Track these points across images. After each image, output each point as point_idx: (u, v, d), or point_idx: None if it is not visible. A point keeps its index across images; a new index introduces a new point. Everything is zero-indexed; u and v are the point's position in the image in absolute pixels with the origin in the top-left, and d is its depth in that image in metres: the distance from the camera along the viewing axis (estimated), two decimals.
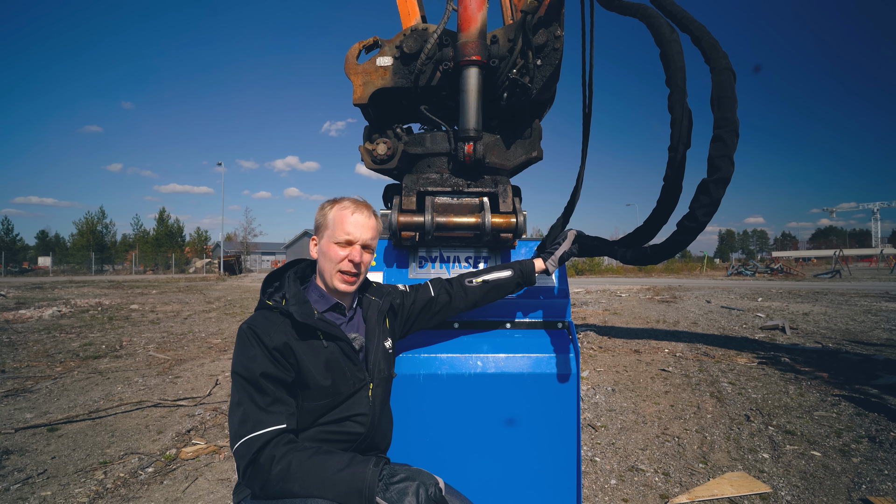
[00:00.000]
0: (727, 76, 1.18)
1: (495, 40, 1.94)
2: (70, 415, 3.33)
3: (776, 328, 7.11)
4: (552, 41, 2.02)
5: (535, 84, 2.02)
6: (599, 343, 6.13)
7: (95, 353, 5.58)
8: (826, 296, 12.74)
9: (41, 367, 4.95)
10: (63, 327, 7.72)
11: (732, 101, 1.16)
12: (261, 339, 1.19)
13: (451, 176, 2.08)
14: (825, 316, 8.49)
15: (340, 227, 1.33)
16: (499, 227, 1.93)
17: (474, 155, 1.99)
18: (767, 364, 4.85)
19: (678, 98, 1.30)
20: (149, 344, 6.20)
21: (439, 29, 1.97)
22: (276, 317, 1.26)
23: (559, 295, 2.04)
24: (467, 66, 1.89)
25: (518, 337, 1.97)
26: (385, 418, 1.44)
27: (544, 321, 2.01)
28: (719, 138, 1.14)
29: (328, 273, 1.34)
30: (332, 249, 1.33)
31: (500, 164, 2.10)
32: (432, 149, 2.10)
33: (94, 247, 44.28)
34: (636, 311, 9.76)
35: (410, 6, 2.26)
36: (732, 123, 1.14)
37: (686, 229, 1.20)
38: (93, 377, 4.52)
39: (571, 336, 1.95)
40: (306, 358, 1.23)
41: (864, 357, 5.04)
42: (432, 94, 2.15)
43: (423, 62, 2.00)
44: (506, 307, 2.02)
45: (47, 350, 5.81)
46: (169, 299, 14.16)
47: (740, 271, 29.49)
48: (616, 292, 15.15)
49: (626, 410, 3.47)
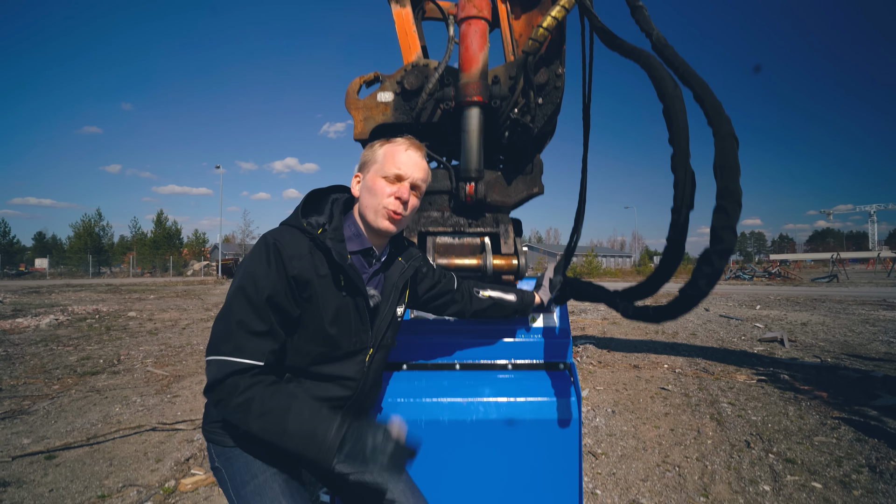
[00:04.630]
0: (730, 143, 1.17)
1: (497, 80, 1.94)
2: (68, 441, 3.30)
3: (775, 340, 7.12)
4: (554, 79, 2.02)
5: (536, 123, 2.02)
6: (599, 357, 6.13)
7: (93, 369, 5.55)
8: (824, 303, 12.77)
9: (38, 384, 4.92)
10: (60, 338, 7.68)
11: (735, 170, 1.16)
12: (283, 262, 1.12)
13: (452, 214, 2.08)
14: (823, 326, 8.50)
15: (391, 161, 1.25)
16: (500, 268, 1.93)
17: (476, 195, 1.98)
18: (767, 382, 4.85)
19: (681, 159, 1.29)
20: (147, 358, 6.18)
21: (441, 67, 1.97)
22: (305, 243, 1.17)
23: (560, 335, 2.03)
24: (469, 107, 1.89)
25: (520, 380, 1.96)
26: (374, 392, 1.42)
27: (546, 362, 2.00)
28: (722, 209, 1.13)
29: (371, 209, 1.24)
30: (378, 184, 1.24)
31: (502, 202, 2.10)
32: (433, 187, 2.09)
33: (91, 249, 44.11)
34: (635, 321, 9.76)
35: (411, 40, 2.25)
36: (735, 194, 1.14)
37: (688, 297, 1.20)
38: (91, 396, 4.49)
39: (573, 378, 1.94)
40: (321, 295, 1.17)
41: (862, 374, 5.05)
42: (433, 130, 2.15)
43: (425, 101, 1.99)
44: (508, 347, 2.01)
45: (44, 365, 5.78)
46: (167, 305, 14.12)
47: (738, 275, 29.56)
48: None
49: (627, 435, 3.46)
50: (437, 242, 2.00)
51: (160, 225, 50.01)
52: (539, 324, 2.04)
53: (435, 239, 2.00)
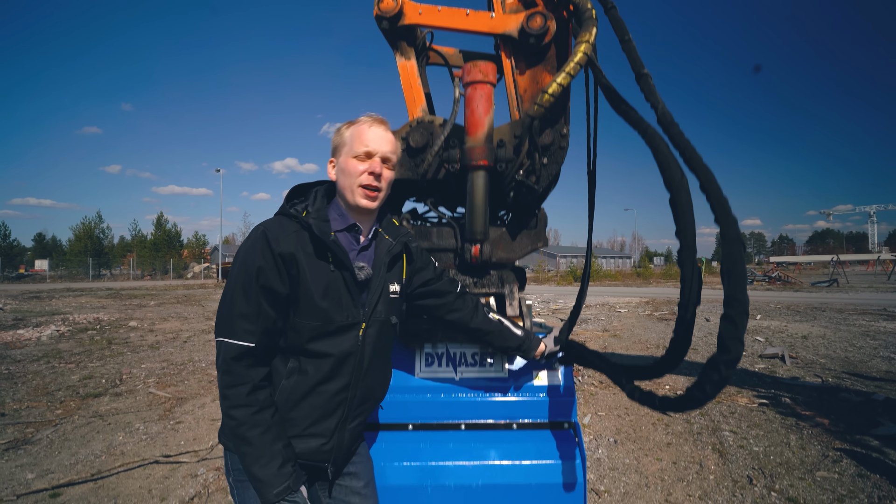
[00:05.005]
0: (737, 249, 1.18)
1: (502, 143, 1.95)
2: (72, 477, 3.31)
3: (776, 357, 7.13)
4: (558, 140, 2.03)
5: (541, 183, 2.03)
6: (600, 377, 6.14)
7: (95, 390, 5.56)
8: (824, 312, 12.79)
9: (41, 408, 4.93)
10: (62, 354, 7.69)
11: (742, 277, 1.17)
12: (269, 243, 1.23)
13: (457, 273, 2.09)
14: (824, 340, 8.51)
15: (359, 140, 1.33)
16: None
17: (481, 257, 1.99)
18: (768, 406, 4.86)
19: (688, 256, 1.30)
20: (149, 377, 6.18)
21: (447, 129, 1.98)
22: (291, 225, 1.29)
23: (564, 393, 2.04)
24: (474, 170, 1.90)
25: (525, 441, 1.97)
26: (378, 370, 1.43)
27: (550, 422, 2.01)
28: (730, 319, 1.15)
29: (349, 189, 1.33)
30: (351, 164, 1.33)
31: (507, 258, 2.11)
32: (439, 244, 2.10)
33: (91, 252, 44.09)
34: (636, 332, 9.78)
35: (416, 92, 2.26)
36: (742, 304, 1.15)
37: (695, 399, 1.21)
38: (93, 422, 4.50)
39: (577, 438, 1.96)
40: (309, 272, 1.26)
41: (864, 397, 5.06)
42: (439, 185, 2.16)
43: (430, 162, 2.00)
44: (513, 406, 2.02)
45: (47, 385, 5.79)
46: (167, 313, 14.13)
47: None
48: (615, 307, 15.17)
49: (629, 469, 3.47)
50: None
51: (160, 227, 50.01)
52: (543, 382, 2.05)
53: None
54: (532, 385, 2.04)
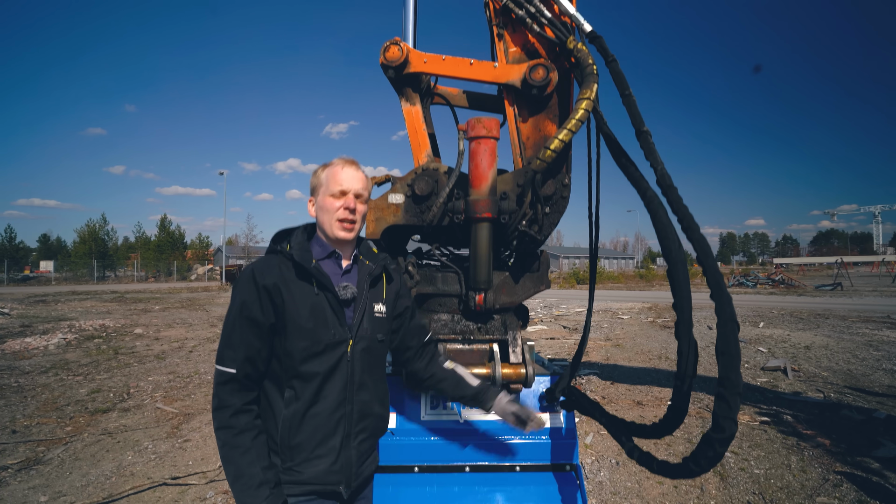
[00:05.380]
0: (732, 329, 1.23)
1: (505, 196, 1.99)
2: (84, 501, 3.38)
3: (778, 370, 7.15)
4: (560, 189, 2.07)
5: (543, 233, 2.07)
6: (603, 391, 6.18)
7: (104, 405, 5.64)
8: (828, 320, 12.77)
9: (51, 424, 5.01)
10: (70, 365, 7.78)
11: (736, 358, 1.22)
12: (254, 278, 1.39)
13: (461, 319, 2.13)
14: (827, 351, 8.52)
15: (334, 180, 1.49)
16: (509, 378, 1.99)
17: (485, 305, 2.04)
18: (770, 424, 4.89)
19: (685, 330, 1.36)
20: (156, 391, 6.26)
21: (451, 181, 2.02)
22: (275, 259, 1.46)
23: (567, 436, 2.09)
24: (478, 222, 1.95)
25: (528, 484, 2.02)
26: (370, 386, 1.51)
27: (552, 464, 2.06)
28: (723, 399, 1.20)
29: (328, 224, 1.49)
30: (328, 202, 1.49)
31: (510, 303, 2.16)
32: (444, 290, 2.15)
33: (96, 254, 44.33)
34: (638, 342, 9.80)
35: (421, 138, 2.32)
36: (736, 385, 1.20)
37: (690, 470, 1.27)
38: (103, 440, 4.58)
39: (579, 481, 2.00)
40: (294, 298, 1.40)
41: (865, 415, 5.08)
42: (443, 231, 2.21)
43: (435, 213, 2.05)
44: (516, 448, 2.07)
45: (56, 399, 5.87)
46: (172, 319, 14.23)
47: (742, 282, 29.50)
48: (618, 313, 15.19)
49: (631, 493, 3.51)
50: (448, 349, 2.06)
51: (164, 229, 50.23)
52: (546, 424, 2.10)
53: (445, 345, 2.06)
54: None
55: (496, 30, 2.19)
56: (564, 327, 12.17)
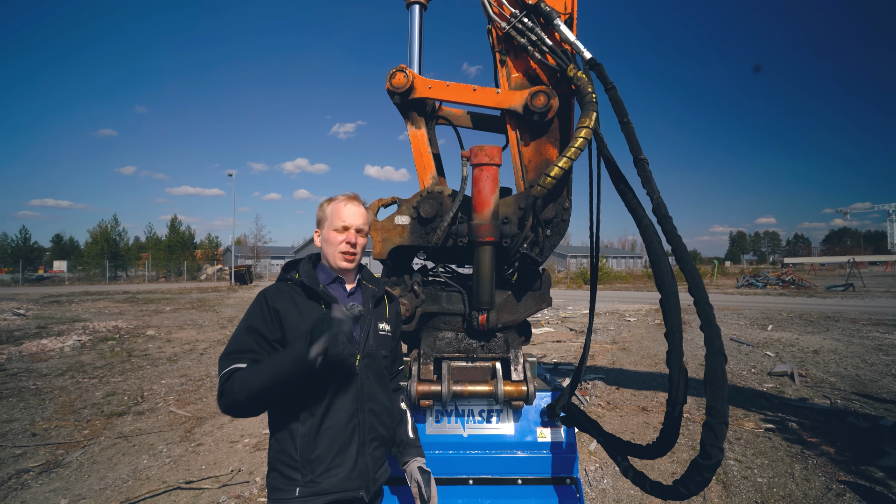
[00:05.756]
0: (719, 361, 1.30)
1: (507, 220, 2.06)
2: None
3: (785, 375, 7.13)
4: (561, 213, 2.14)
5: (544, 255, 2.14)
6: (608, 396, 6.22)
7: (119, 408, 5.79)
8: (838, 322, 12.66)
9: (69, 427, 5.16)
10: (85, 367, 7.98)
11: (723, 389, 1.28)
12: (266, 301, 1.54)
13: (465, 336, 2.21)
14: (835, 356, 8.47)
15: (338, 216, 1.64)
16: (510, 395, 2.06)
17: (488, 325, 2.11)
18: (774, 431, 4.91)
19: (675, 359, 1.42)
20: (169, 394, 6.41)
21: (455, 206, 2.09)
22: (285, 286, 1.61)
23: (567, 450, 2.16)
24: (481, 245, 2.02)
25: (528, 497, 2.08)
26: (378, 397, 1.64)
27: (553, 477, 2.13)
28: (710, 428, 1.27)
29: (331, 255, 1.65)
30: (332, 235, 1.64)
31: (512, 321, 2.23)
32: (448, 308, 2.23)
33: (108, 255, 45.01)
34: (645, 345, 9.81)
35: (426, 161, 2.39)
36: (722, 416, 1.27)
37: (679, 492, 1.34)
38: (119, 443, 4.72)
39: (579, 494, 2.07)
40: (304, 318, 1.52)
41: (872, 422, 5.08)
42: (447, 252, 2.28)
43: (440, 236, 2.12)
44: (517, 462, 2.14)
45: (73, 402, 6.04)
46: (183, 320, 14.46)
47: (751, 283, 29.23)
48: (624, 314, 15.17)
49: (633, 501, 3.57)
50: (452, 366, 2.14)
51: (174, 230, 50.84)
52: (546, 438, 2.17)
53: (450, 363, 2.13)
54: (536, 442, 2.16)
55: (499, 56, 2.26)
56: (571, 329, 12.20)
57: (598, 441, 1.87)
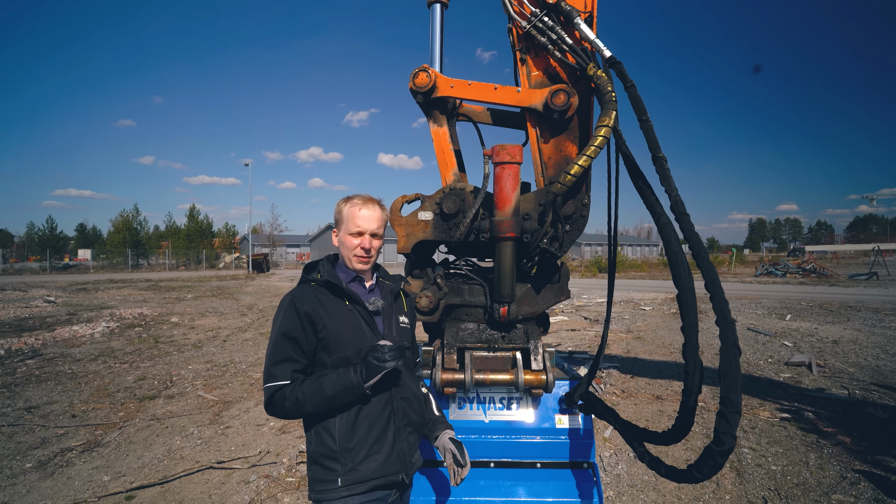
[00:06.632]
0: (734, 354, 1.37)
1: (527, 217, 2.13)
2: (143, 481, 3.73)
3: (802, 365, 7.10)
4: (580, 209, 2.20)
5: (563, 249, 2.21)
6: (623, 385, 6.29)
7: (150, 392, 6.07)
8: (859, 312, 12.44)
9: (105, 409, 5.45)
10: (115, 353, 8.33)
11: (736, 381, 1.35)
12: (295, 306, 1.59)
13: (486, 328, 2.30)
14: (855, 346, 8.37)
15: (353, 221, 1.69)
16: (530, 383, 2.15)
17: (508, 317, 2.20)
18: (790, 421, 4.93)
19: (691, 352, 1.49)
20: (196, 379, 6.68)
21: (477, 203, 2.17)
22: (310, 288, 1.67)
23: (584, 436, 2.25)
24: (502, 241, 2.10)
25: (547, 480, 2.20)
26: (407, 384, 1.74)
27: (571, 461, 2.23)
28: (724, 417, 1.34)
29: (347, 258, 1.73)
30: (347, 240, 1.70)
31: (532, 313, 2.31)
32: (470, 301, 2.32)
33: (130, 243, 46.18)
34: (660, 334, 9.81)
35: (448, 157, 2.46)
36: (735, 406, 1.34)
37: (693, 476, 1.42)
38: (153, 425, 4.97)
39: (596, 478, 2.17)
40: (331, 316, 1.60)
41: (890, 413, 5.06)
42: (470, 246, 2.37)
43: (462, 232, 2.21)
44: (536, 447, 2.25)
45: (107, 386, 6.35)
46: (205, 307, 14.86)
47: (770, 271, 28.70)
48: (640, 304, 15.11)
49: (647, 486, 3.66)
50: (474, 356, 2.24)
51: (193, 219, 51.82)
52: (564, 424, 2.27)
53: (472, 353, 2.24)
54: (554, 428, 2.26)
55: (519, 55, 2.31)
56: (585, 318, 12.23)
57: (615, 428, 1.96)
